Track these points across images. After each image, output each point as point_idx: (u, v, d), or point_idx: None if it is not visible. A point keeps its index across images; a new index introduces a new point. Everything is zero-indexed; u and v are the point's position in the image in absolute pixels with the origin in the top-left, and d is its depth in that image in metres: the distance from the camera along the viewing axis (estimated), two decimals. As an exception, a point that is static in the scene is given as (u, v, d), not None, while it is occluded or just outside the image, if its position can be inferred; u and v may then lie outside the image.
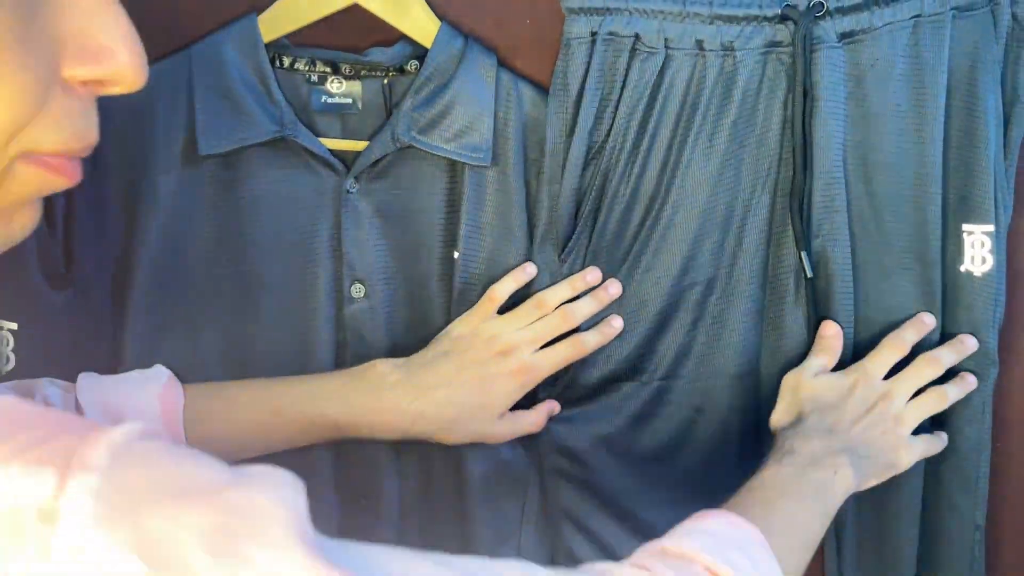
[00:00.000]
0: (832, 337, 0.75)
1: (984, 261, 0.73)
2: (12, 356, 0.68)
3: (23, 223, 0.38)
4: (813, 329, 0.75)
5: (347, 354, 0.76)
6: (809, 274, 0.73)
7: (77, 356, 0.69)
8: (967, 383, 0.77)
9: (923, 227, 0.72)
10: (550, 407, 0.76)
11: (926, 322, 0.75)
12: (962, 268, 0.74)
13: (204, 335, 0.74)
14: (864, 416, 0.74)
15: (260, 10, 0.71)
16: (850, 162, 0.73)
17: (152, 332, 0.72)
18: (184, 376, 0.70)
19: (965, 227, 0.73)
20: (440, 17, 0.72)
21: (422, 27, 0.72)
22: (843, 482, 0.69)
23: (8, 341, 0.68)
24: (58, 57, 0.35)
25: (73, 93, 0.36)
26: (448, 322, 0.76)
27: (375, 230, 0.75)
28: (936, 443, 0.77)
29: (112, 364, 0.71)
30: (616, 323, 0.76)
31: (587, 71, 0.70)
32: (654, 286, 0.74)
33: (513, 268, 0.75)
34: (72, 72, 0.36)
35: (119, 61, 0.36)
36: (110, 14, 0.36)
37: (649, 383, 0.76)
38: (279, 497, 0.34)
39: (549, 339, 0.74)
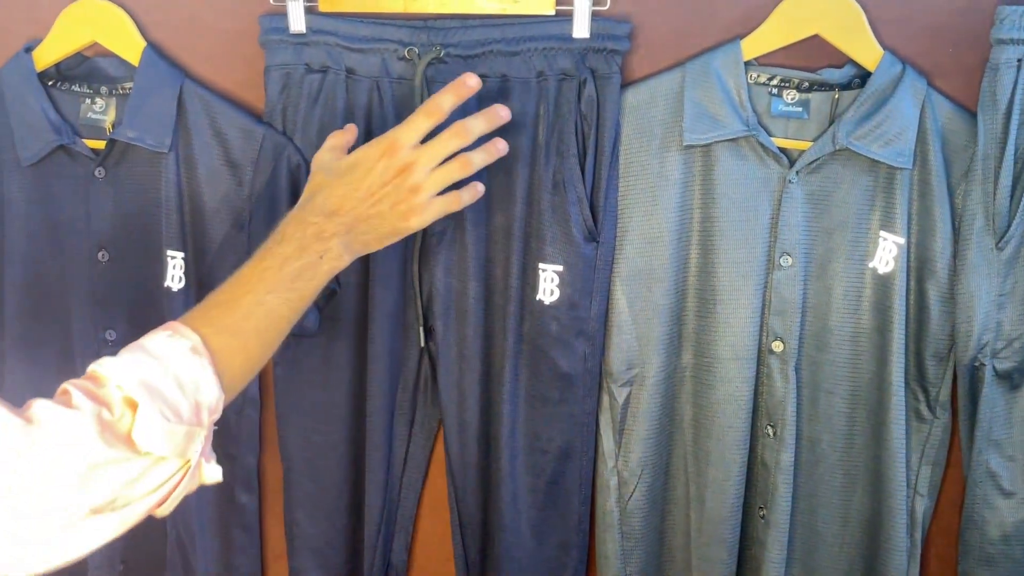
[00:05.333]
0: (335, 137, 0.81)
1: None
2: (558, 291, 0.94)
3: None
4: None
5: (769, 310, 0.96)
6: None
7: (600, 291, 0.96)
8: (497, 149, 0.79)
9: None
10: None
11: (469, 84, 0.79)
12: None
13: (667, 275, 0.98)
14: (378, 191, 0.75)
15: (742, 37, 0.92)
16: None
17: (637, 276, 0.97)
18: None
19: None
20: (882, 46, 0.90)
21: (868, 54, 0.90)
22: (329, 264, 0.74)
23: (555, 279, 0.93)
24: None
25: None
26: (848, 289, 0.95)
27: (803, 214, 0.94)
28: (452, 202, 0.79)
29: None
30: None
31: (1014, 89, 0.86)
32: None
33: (936, 251, 0.92)
34: None
35: None
36: None
37: None
38: None
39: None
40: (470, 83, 0.78)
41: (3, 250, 1.04)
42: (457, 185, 0.81)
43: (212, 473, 0.67)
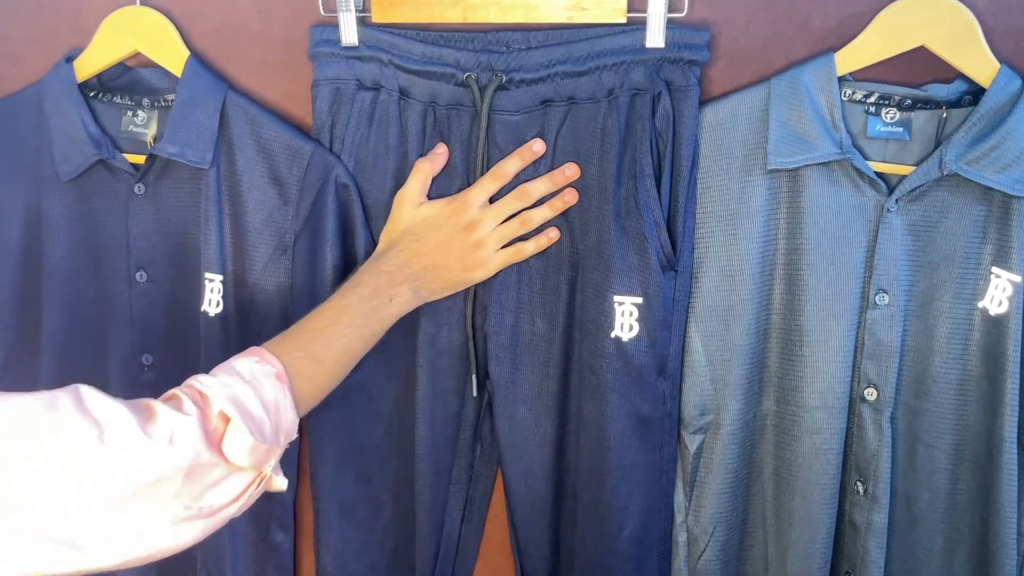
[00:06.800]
0: (422, 161, 0.87)
1: None
2: (637, 325, 0.85)
3: None
4: None
5: (862, 353, 0.86)
6: None
7: (678, 325, 0.88)
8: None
9: None
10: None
11: (535, 149, 0.86)
12: None
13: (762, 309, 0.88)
14: (445, 244, 0.85)
15: (836, 49, 0.82)
16: None
17: (713, 312, 0.88)
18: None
19: None
20: (997, 59, 0.80)
21: (981, 68, 0.80)
22: (398, 307, 0.82)
23: (634, 312, 0.85)
24: None
25: None
26: (953, 331, 0.85)
27: (903, 246, 0.84)
28: (515, 254, 0.87)
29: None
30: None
31: None
32: None
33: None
34: None
35: None
36: None
37: None
38: None
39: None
40: (536, 148, 0.87)
41: (43, 268, 1.00)
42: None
43: (280, 483, 0.74)
